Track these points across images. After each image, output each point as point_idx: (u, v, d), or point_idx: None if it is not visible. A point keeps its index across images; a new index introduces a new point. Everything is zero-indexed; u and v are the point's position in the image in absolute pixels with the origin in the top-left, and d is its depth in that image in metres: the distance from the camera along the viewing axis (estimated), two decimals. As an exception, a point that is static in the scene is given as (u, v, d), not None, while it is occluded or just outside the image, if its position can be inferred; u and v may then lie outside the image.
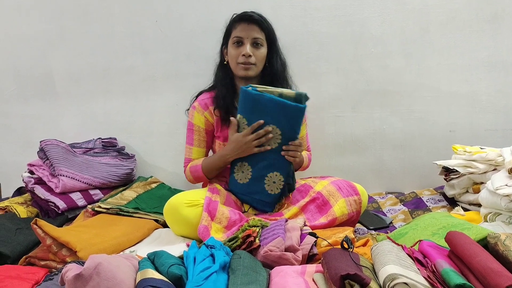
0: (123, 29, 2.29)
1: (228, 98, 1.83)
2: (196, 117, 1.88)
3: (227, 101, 1.83)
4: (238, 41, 1.79)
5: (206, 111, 1.87)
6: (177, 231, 1.68)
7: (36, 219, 1.45)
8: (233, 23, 1.83)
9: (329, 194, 1.69)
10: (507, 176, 1.49)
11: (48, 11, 2.31)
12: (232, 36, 1.81)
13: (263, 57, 1.82)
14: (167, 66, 2.31)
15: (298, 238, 1.31)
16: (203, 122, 1.87)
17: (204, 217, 1.61)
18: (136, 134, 2.37)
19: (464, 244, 1.09)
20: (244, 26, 1.79)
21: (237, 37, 1.79)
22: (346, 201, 1.67)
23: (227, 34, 1.86)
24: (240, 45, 1.79)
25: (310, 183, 1.79)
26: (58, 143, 2.08)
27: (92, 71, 2.33)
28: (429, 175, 2.22)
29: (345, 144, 2.33)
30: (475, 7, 2.22)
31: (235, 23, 1.82)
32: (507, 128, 2.28)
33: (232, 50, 1.81)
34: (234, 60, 1.81)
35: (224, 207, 1.69)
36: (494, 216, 1.55)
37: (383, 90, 2.28)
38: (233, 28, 1.82)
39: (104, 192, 2.06)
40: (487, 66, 2.25)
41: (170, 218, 1.67)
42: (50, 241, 1.45)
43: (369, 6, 2.23)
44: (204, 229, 1.57)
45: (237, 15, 1.83)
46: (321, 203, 1.69)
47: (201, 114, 1.87)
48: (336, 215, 1.63)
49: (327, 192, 1.70)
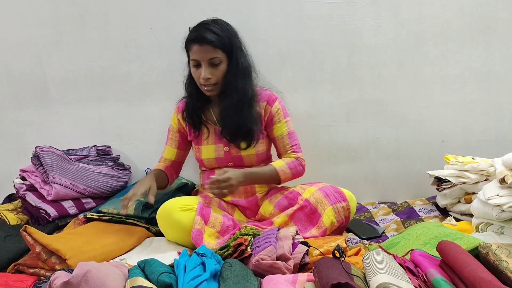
0: (119, 36, 2.29)
1: (197, 106, 1.88)
2: (173, 119, 1.98)
3: (196, 108, 1.88)
4: (195, 64, 1.78)
5: (179, 113, 1.94)
6: (170, 236, 1.68)
7: (25, 226, 1.44)
8: (188, 44, 1.79)
9: (317, 201, 1.69)
10: (499, 186, 1.49)
11: (44, 17, 2.30)
12: (190, 58, 1.79)
13: (223, 73, 1.78)
14: (162, 73, 2.31)
15: (290, 247, 1.31)
16: (176, 123, 1.95)
17: (197, 221, 1.62)
18: (130, 141, 2.36)
19: (455, 254, 1.09)
20: (197, 48, 1.74)
21: (194, 60, 1.77)
22: (334, 209, 1.67)
23: (186, 51, 1.83)
24: (198, 67, 1.77)
25: (298, 190, 1.80)
26: (54, 150, 2.07)
27: (87, 78, 2.33)
28: (422, 184, 2.21)
29: (339, 153, 2.33)
30: (469, 18, 2.23)
31: (189, 43, 1.78)
32: (499, 139, 2.29)
33: (193, 71, 1.81)
34: (197, 81, 1.81)
35: (219, 211, 1.72)
36: (486, 226, 1.55)
37: (377, 99, 2.29)
38: (189, 49, 1.79)
39: (96, 201, 2.05)
40: (480, 76, 2.27)
41: (164, 222, 1.68)
42: (39, 248, 1.45)
43: (363, 16, 2.24)
44: (197, 233, 1.58)
45: (189, 36, 1.79)
46: (310, 212, 1.69)
47: (176, 115, 1.95)
48: (325, 225, 1.63)
49: (315, 199, 1.70)
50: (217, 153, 1.88)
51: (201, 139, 1.90)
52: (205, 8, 2.24)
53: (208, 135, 1.89)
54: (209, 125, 1.89)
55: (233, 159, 1.88)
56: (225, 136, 1.85)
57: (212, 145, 1.88)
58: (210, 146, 1.88)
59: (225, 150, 1.87)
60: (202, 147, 1.89)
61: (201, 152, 1.90)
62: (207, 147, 1.89)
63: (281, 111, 1.90)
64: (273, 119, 1.88)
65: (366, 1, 2.23)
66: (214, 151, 1.88)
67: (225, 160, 1.88)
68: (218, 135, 1.88)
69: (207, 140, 1.89)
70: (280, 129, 1.90)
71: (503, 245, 1.17)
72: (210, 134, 1.89)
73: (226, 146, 1.87)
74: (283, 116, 1.90)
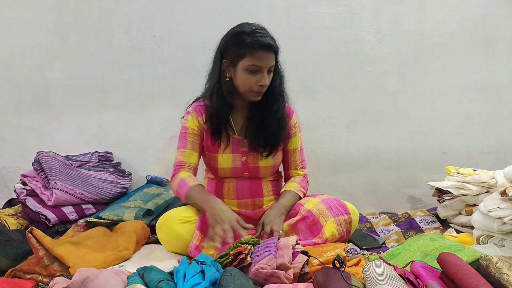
0: (121, 43, 2.31)
1: (224, 113, 1.78)
2: (191, 121, 1.81)
3: (222, 116, 1.78)
4: (254, 70, 1.68)
5: (200, 116, 1.81)
6: (169, 247, 1.67)
7: (32, 227, 1.43)
8: (250, 48, 1.67)
9: (319, 213, 1.67)
10: (500, 199, 1.49)
11: (47, 23, 2.31)
12: (248, 62, 1.67)
13: (271, 81, 1.76)
14: (164, 81, 2.32)
15: (290, 257, 1.30)
16: (197, 126, 1.80)
17: (196, 236, 1.61)
18: (131, 148, 2.37)
19: (455, 266, 1.08)
20: (263, 54, 1.67)
21: (256, 66, 1.67)
22: (336, 221, 1.65)
23: (237, 54, 1.69)
24: (256, 73, 1.68)
25: (301, 201, 1.79)
26: (55, 156, 2.07)
27: (88, 84, 2.34)
28: (422, 196, 2.21)
29: (340, 163, 2.33)
30: (469, 30, 2.25)
31: (253, 49, 1.66)
32: (500, 151, 2.29)
33: (244, 75, 1.69)
34: (246, 86, 1.71)
35: None
36: (487, 238, 1.54)
37: (378, 110, 2.30)
38: (249, 54, 1.67)
39: (97, 207, 2.04)
40: (481, 88, 2.28)
41: (163, 233, 1.67)
42: (43, 252, 1.44)
43: (365, 27, 2.25)
44: (195, 248, 1.57)
45: (256, 41, 1.67)
46: (312, 223, 1.68)
47: (195, 118, 1.81)
48: (326, 236, 1.62)
49: (317, 211, 1.68)
50: (234, 163, 1.81)
51: (217, 148, 1.80)
52: (208, 17, 2.27)
53: (227, 144, 1.80)
54: (229, 134, 1.80)
55: (249, 169, 1.82)
56: (251, 143, 1.79)
57: (229, 155, 1.80)
58: (227, 156, 1.80)
59: (243, 160, 1.80)
60: (219, 155, 1.80)
61: (217, 161, 1.81)
62: (223, 156, 1.80)
63: (298, 125, 1.90)
64: (291, 132, 1.86)
65: (368, 12, 2.25)
66: (231, 161, 1.80)
67: (241, 171, 1.82)
68: (237, 144, 1.81)
69: (225, 149, 1.80)
70: (295, 143, 1.88)
71: (504, 257, 1.16)
72: (229, 143, 1.80)
73: (244, 156, 1.81)
74: (298, 130, 1.90)
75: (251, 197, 1.83)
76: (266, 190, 1.86)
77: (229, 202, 1.81)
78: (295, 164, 1.90)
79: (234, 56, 1.70)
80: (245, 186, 1.83)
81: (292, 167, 1.91)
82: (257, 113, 1.79)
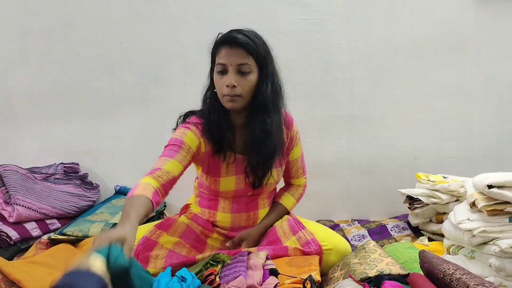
0: (87, 50, 2.24)
1: (221, 130, 1.59)
2: (190, 137, 1.56)
3: (220, 132, 1.59)
4: (222, 69, 1.52)
5: (202, 137, 1.60)
6: None
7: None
8: (217, 47, 1.55)
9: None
10: (469, 210, 1.49)
11: (9, 30, 2.23)
12: (216, 63, 1.54)
13: (251, 85, 1.53)
14: (132, 89, 2.26)
15: (260, 278, 1.27)
16: (196, 146, 1.57)
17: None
18: (99, 159, 2.30)
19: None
20: (227, 50, 1.51)
21: (220, 64, 1.52)
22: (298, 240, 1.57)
23: (212, 58, 1.58)
24: (224, 73, 1.52)
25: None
26: (18, 169, 1.99)
27: (53, 93, 2.26)
28: (395, 202, 2.21)
29: (312, 169, 2.28)
30: (440, 36, 2.26)
31: (218, 46, 1.54)
32: (469, 156, 2.31)
33: (216, 78, 1.54)
34: (219, 90, 1.54)
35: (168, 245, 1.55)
36: (457, 249, 1.54)
37: (350, 116, 2.29)
38: (217, 53, 1.55)
39: (62, 221, 1.97)
40: (451, 94, 2.29)
41: None
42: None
43: (336, 33, 2.24)
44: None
45: (220, 37, 1.55)
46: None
47: (197, 137, 1.58)
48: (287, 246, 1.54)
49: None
50: (237, 185, 1.65)
51: (220, 170, 1.63)
52: (177, 23, 2.21)
53: (228, 165, 1.63)
54: (231, 154, 1.62)
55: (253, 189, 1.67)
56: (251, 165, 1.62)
57: (232, 177, 1.64)
58: (230, 178, 1.64)
59: (246, 181, 1.64)
60: (221, 179, 1.64)
61: (218, 184, 1.64)
62: (226, 179, 1.64)
63: (298, 134, 1.77)
64: (292, 143, 1.74)
65: (339, 18, 2.23)
66: (235, 183, 1.65)
67: (245, 191, 1.67)
68: (240, 164, 1.64)
69: (227, 171, 1.64)
70: (297, 152, 1.77)
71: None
72: (231, 164, 1.63)
73: (249, 177, 1.64)
74: (299, 139, 1.78)
75: (246, 210, 1.70)
76: (262, 203, 1.73)
77: (223, 216, 1.69)
78: (297, 174, 1.81)
79: (212, 62, 1.60)
80: (242, 201, 1.70)
81: (294, 176, 1.81)
82: (252, 127, 1.58)
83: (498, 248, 1.33)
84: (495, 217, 1.40)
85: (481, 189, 1.44)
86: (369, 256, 1.41)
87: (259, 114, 1.56)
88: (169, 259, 1.49)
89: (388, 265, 1.30)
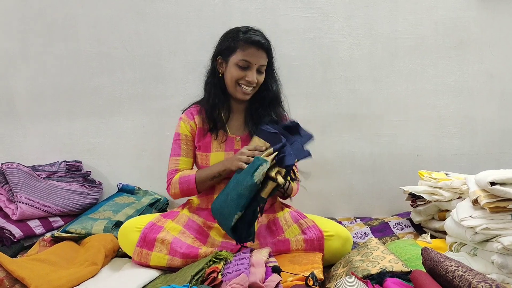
0: (89, 49, 2.24)
1: (217, 109, 1.77)
2: (183, 127, 1.79)
3: (216, 111, 1.77)
4: (245, 65, 1.69)
5: (191, 120, 1.79)
6: (131, 255, 1.63)
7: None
8: (242, 44, 1.69)
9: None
10: (472, 207, 1.49)
11: (10, 29, 2.23)
12: (239, 57, 1.69)
13: (261, 82, 1.76)
14: (134, 87, 2.26)
15: (262, 275, 1.28)
16: (189, 130, 1.79)
17: (136, 252, 1.57)
18: (101, 156, 2.31)
19: (428, 285, 1.07)
20: (254, 51, 1.69)
21: (246, 61, 1.69)
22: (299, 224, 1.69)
23: (230, 49, 1.72)
24: (246, 69, 1.70)
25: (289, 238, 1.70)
26: (21, 167, 2.00)
27: (55, 91, 2.27)
28: (397, 199, 2.22)
29: (314, 167, 2.30)
30: (442, 33, 2.25)
31: (245, 44, 1.69)
32: (472, 153, 2.31)
33: (234, 70, 1.70)
34: (234, 80, 1.71)
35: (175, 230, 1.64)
36: (459, 246, 1.54)
37: (352, 114, 2.29)
38: (241, 49, 1.69)
39: (65, 219, 1.98)
40: (454, 91, 2.29)
41: (121, 241, 1.66)
42: (3, 274, 1.39)
43: (338, 30, 2.23)
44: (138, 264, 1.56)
45: (249, 37, 1.70)
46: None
47: (187, 123, 1.79)
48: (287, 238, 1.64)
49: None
50: None
51: (210, 146, 1.78)
52: (178, 21, 2.21)
53: (220, 142, 1.78)
54: (224, 132, 1.79)
55: None
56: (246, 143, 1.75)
57: (222, 152, 1.77)
58: (220, 153, 1.77)
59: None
60: (211, 154, 1.78)
61: (209, 159, 1.77)
62: (216, 154, 1.77)
63: None
64: None
65: (341, 16, 2.22)
66: (224, 159, 1.76)
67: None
68: (230, 143, 1.78)
69: (218, 147, 1.78)
70: None
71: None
72: (222, 141, 1.78)
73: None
74: None
75: None
76: None
77: None
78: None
79: (228, 51, 1.72)
80: None
81: None
82: (255, 116, 1.78)
83: (501, 245, 1.34)
84: (497, 214, 1.40)
85: (484, 186, 1.44)
86: (371, 254, 1.41)
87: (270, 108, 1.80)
88: (174, 246, 1.56)
89: (390, 262, 1.31)
